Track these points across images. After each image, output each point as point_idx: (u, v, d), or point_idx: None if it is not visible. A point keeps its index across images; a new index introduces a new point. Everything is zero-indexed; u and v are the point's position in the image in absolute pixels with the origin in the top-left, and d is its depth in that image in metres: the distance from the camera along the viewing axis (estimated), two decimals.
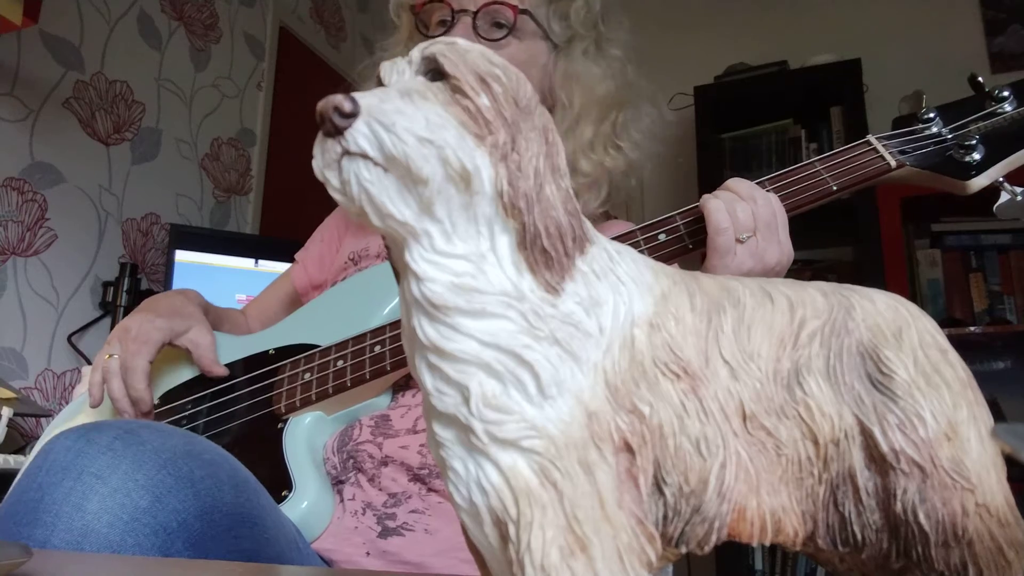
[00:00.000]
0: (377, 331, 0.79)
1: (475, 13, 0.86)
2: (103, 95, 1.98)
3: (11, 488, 0.57)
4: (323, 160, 0.27)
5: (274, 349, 0.86)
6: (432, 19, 0.90)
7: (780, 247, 0.67)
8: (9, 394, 1.45)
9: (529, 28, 0.89)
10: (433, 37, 0.88)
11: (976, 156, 0.69)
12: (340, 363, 0.79)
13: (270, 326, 0.93)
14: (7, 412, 1.35)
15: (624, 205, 0.97)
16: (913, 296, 2.18)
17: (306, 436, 0.78)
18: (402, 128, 0.26)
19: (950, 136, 0.71)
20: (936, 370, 0.30)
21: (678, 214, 0.72)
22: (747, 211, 0.66)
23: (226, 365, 0.87)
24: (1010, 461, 0.30)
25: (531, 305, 0.27)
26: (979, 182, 0.69)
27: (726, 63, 2.51)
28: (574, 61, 0.91)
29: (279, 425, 0.79)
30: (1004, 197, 0.70)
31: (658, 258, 0.69)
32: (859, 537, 0.29)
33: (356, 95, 0.27)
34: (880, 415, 0.29)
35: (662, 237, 0.71)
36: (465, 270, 0.27)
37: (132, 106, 2.07)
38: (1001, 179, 0.70)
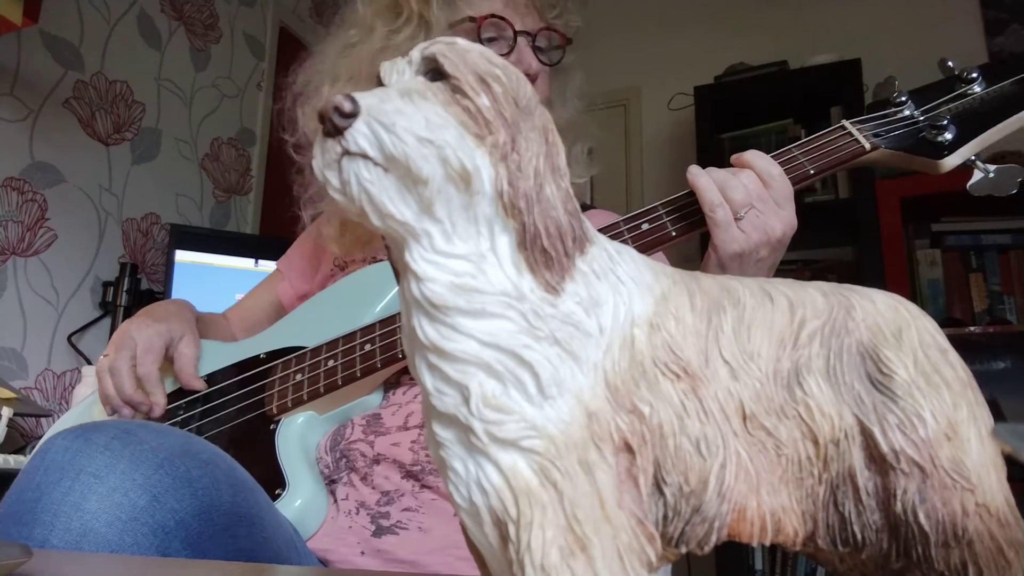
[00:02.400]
0: (367, 329, 0.79)
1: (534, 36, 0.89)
2: (103, 95, 1.98)
3: (10, 488, 0.57)
4: (323, 160, 0.27)
5: (265, 354, 0.86)
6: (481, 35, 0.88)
7: (780, 217, 0.67)
8: (9, 394, 1.45)
9: None
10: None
11: (948, 136, 0.70)
12: (331, 362, 0.79)
13: (255, 335, 0.93)
14: (7, 412, 1.35)
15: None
16: (913, 296, 2.18)
17: (299, 436, 0.78)
18: (402, 128, 0.26)
19: (922, 118, 0.72)
20: (936, 370, 0.30)
21: (660, 204, 0.73)
22: (738, 188, 0.66)
23: (217, 371, 0.88)
24: (1010, 461, 0.29)
25: (531, 305, 0.27)
26: (952, 161, 0.70)
27: (726, 63, 2.51)
28: None
29: (271, 426, 0.79)
30: (977, 175, 0.70)
31: (642, 246, 0.70)
32: (859, 537, 0.29)
33: (356, 95, 0.27)
34: (880, 415, 0.29)
35: (645, 226, 0.72)
36: (465, 270, 0.27)
37: (132, 106, 2.07)
38: (973, 157, 0.70)
